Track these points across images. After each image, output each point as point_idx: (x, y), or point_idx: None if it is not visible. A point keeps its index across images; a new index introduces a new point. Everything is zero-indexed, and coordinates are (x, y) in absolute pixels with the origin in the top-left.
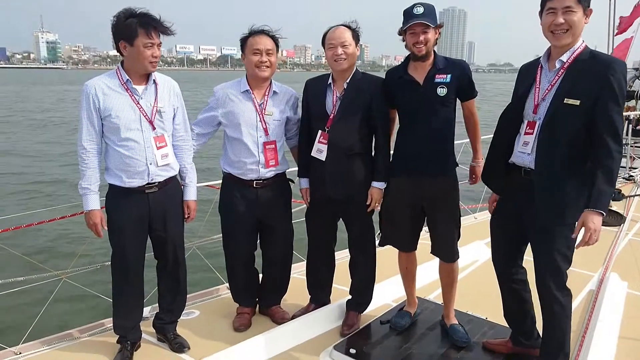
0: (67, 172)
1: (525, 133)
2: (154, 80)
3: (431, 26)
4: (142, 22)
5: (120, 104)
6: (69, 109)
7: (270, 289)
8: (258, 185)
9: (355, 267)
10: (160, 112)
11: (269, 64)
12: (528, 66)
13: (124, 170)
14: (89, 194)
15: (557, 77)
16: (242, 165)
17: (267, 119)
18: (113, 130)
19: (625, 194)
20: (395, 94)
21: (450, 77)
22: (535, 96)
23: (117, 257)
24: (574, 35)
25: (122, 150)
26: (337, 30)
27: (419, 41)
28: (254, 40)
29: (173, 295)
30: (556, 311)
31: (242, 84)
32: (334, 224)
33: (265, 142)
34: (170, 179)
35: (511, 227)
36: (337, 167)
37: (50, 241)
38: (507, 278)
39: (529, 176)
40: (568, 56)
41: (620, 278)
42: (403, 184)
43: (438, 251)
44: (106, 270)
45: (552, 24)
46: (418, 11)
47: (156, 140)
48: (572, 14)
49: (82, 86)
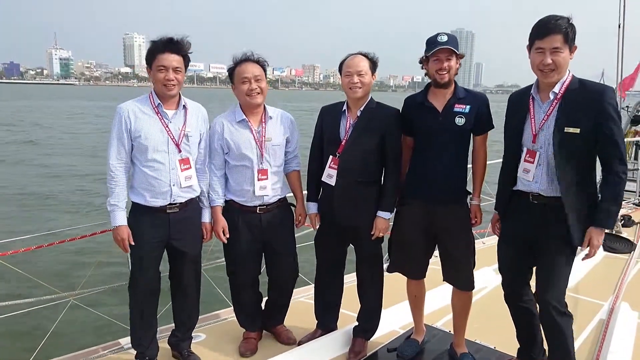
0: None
1: (525, 161)
2: (184, 105)
3: (455, 53)
4: (156, 46)
5: (150, 127)
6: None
7: (276, 310)
8: (262, 211)
9: (362, 293)
10: (187, 136)
11: (259, 90)
12: (517, 97)
13: (148, 190)
14: (116, 211)
15: (551, 107)
16: (245, 193)
17: (267, 144)
18: (141, 151)
19: (635, 220)
20: (413, 120)
21: (469, 108)
22: (532, 127)
23: (136, 273)
24: (560, 73)
25: (148, 171)
26: (355, 59)
27: (443, 67)
28: (241, 69)
29: (188, 312)
30: (559, 331)
31: (237, 113)
32: (342, 249)
33: (267, 168)
34: (192, 200)
35: (520, 249)
36: (346, 193)
37: (59, 262)
38: (517, 298)
39: (538, 201)
40: (559, 88)
41: (631, 307)
42: (416, 212)
43: (453, 279)
44: (114, 292)
45: (540, 63)
46: (442, 39)
47: (181, 162)
48: (559, 54)
49: (116, 108)
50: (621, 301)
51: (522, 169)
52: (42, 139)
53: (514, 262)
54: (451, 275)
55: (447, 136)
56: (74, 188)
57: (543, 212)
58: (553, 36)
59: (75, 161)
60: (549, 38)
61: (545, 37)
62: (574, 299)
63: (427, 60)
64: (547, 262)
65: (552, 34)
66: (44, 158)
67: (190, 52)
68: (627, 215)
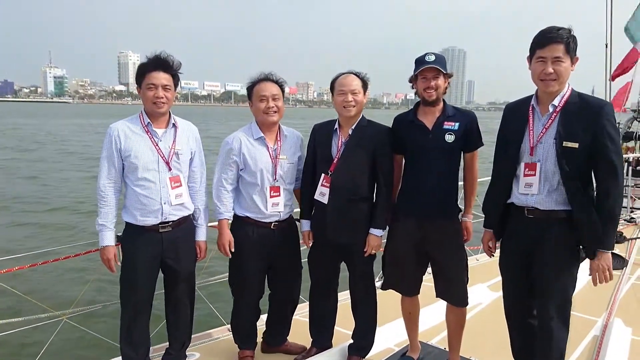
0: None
1: (526, 175)
2: (174, 124)
3: (442, 72)
4: (145, 65)
5: (140, 146)
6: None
7: (280, 329)
8: (275, 227)
9: (357, 311)
10: (177, 154)
11: (276, 109)
12: (515, 107)
13: (139, 209)
14: (104, 231)
15: (550, 120)
16: (261, 210)
17: (282, 162)
18: (132, 170)
19: (627, 236)
20: (403, 138)
21: (458, 125)
22: (530, 139)
23: (127, 292)
24: (561, 83)
25: (138, 190)
26: (348, 77)
27: (430, 86)
28: (260, 87)
29: (182, 329)
30: (556, 346)
31: (253, 130)
32: (336, 266)
33: (280, 186)
34: (184, 218)
35: (520, 264)
36: (338, 211)
37: (53, 281)
38: (521, 314)
39: (533, 215)
40: (559, 100)
41: (624, 323)
42: (408, 228)
43: (447, 295)
44: (108, 310)
45: (542, 72)
46: (430, 58)
47: (172, 180)
48: (560, 63)
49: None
50: (614, 317)
51: (523, 183)
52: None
53: (519, 279)
54: (444, 291)
55: (437, 153)
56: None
57: (540, 226)
58: (555, 45)
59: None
60: (550, 47)
61: (547, 46)
62: None
63: (416, 78)
64: (548, 276)
65: (554, 43)
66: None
67: (180, 73)
68: (619, 231)
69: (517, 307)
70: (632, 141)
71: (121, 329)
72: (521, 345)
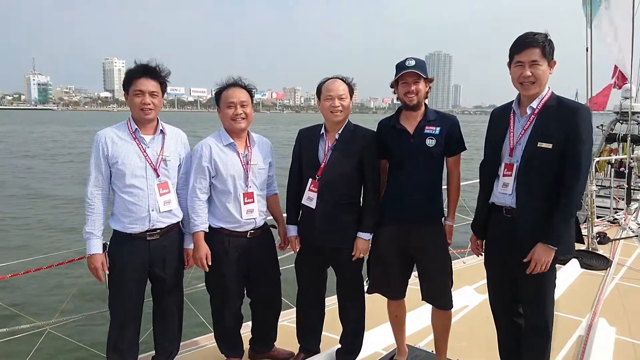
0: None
1: (504, 175)
2: (162, 130)
3: (422, 77)
4: (133, 71)
5: (127, 152)
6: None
7: (266, 335)
8: (251, 236)
9: (344, 315)
10: (165, 161)
11: (244, 116)
12: (500, 112)
13: (127, 216)
14: (91, 239)
15: (529, 122)
16: (233, 218)
17: (254, 168)
18: (119, 177)
19: (611, 237)
20: (387, 143)
21: (439, 129)
22: (510, 140)
23: (115, 301)
24: (540, 86)
25: (126, 197)
26: (335, 83)
27: (411, 91)
28: (228, 93)
29: (169, 338)
30: (538, 344)
31: (222, 137)
32: (323, 271)
33: (253, 191)
34: (173, 226)
35: (502, 262)
36: (326, 215)
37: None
38: (507, 313)
39: (511, 215)
40: (537, 103)
41: (609, 323)
42: (392, 232)
43: (432, 299)
44: (93, 320)
45: (520, 76)
46: (410, 63)
47: (159, 187)
48: (537, 67)
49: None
50: (599, 317)
51: (501, 183)
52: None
53: (502, 279)
54: (429, 294)
55: (419, 158)
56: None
57: (517, 225)
58: (531, 49)
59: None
60: (527, 51)
61: (524, 51)
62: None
63: (396, 83)
64: (529, 279)
65: (530, 47)
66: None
67: (168, 81)
68: (603, 232)
69: (501, 305)
70: (615, 143)
71: (109, 337)
72: (505, 342)
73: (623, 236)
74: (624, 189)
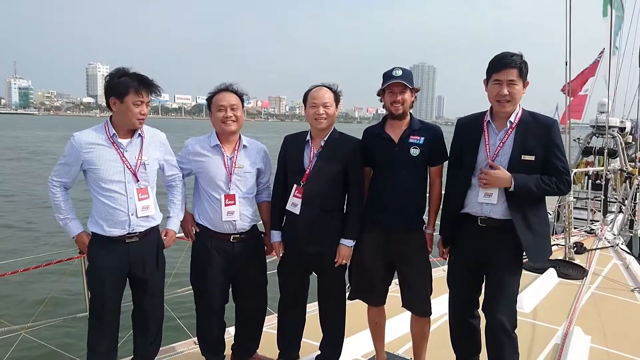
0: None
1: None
2: (139, 133)
3: (408, 87)
4: (134, 81)
5: (105, 157)
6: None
7: (248, 341)
8: (235, 240)
9: (325, 322)
10: (144, 165)
11: (234, 119)
12: (467, 122)
13: (106, 220)
14: (69, 222)
15: (506, 135)
16: (214, 218)
17: (238, 171)
18: (97, 181)
19: (587, 247)
20: (372, 151)
21: (424, 139)
22: (487, 152)
23: (93, 305)
24: (514, 104)
25: (106, 200)
26: (320, 91)
27: (397, 100)
28: (218, 97)
29: (149, 343)
30: (505, 350)
31: (212, 138)
32: (306, 277)
33: (235, 194)
34: (152, 229)
35: (471, 270)
36: (310, 221)
37: (10, 294)
38: (464, 314)
39: (486, 224)
40: (514, 118)
41: (584, 332)
42: (374, 239)
43: (411, 306)
44: (70, 324)
45: (497, 94)
46: (397, 73)
47: (139, 192)
48: (514, 86)
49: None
50: (574, 326)
51: (482, 193)
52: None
53: (467, 284)
54: (409, 301)
55: (402, 166)
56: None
57: (492, 235)
58: (509, 70)
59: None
60: (505, 71)
61: (502, 70)
62: (530, 324)
63: (383, 92)
64: (498, 282)
65: (509, 67)
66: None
67: (159, 96)
68: (580, 242)
69: (462, 307)
70: (592, 156)
71: (88, 341)
72: (460, 336)
73: (599, 246)
74: (600, 200)
